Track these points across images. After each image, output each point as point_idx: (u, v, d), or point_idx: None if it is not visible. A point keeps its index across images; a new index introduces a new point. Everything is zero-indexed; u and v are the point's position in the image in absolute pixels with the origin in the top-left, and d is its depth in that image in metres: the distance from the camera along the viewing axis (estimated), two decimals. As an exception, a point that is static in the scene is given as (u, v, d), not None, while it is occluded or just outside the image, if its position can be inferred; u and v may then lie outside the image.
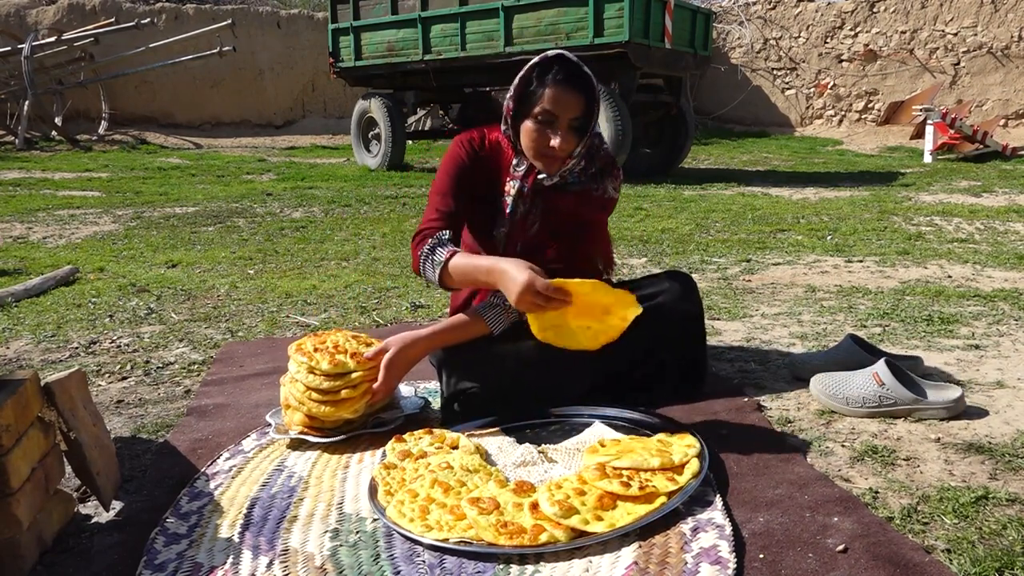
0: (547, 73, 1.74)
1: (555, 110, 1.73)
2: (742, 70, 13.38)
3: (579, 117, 1.76)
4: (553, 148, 1.75)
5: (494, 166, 1.91)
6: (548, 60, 1.77)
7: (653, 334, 1.91)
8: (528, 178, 1.86)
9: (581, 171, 1.87)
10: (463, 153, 1.90)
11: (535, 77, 1.76)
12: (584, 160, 1.86)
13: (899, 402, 1.78)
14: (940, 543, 1.27)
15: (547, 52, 1.80)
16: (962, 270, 3.41)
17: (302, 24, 13.93)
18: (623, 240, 4.29)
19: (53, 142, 11.59)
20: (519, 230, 1.89)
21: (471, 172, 1.89)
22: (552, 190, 1.86)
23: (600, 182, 1.89)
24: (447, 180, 1.88)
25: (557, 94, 1.73)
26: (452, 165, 1.89)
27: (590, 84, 1.76)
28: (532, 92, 1.76)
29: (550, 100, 1.73)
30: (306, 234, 4.75)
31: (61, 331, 2.74)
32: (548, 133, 1.76)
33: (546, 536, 1.30)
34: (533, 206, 1.88)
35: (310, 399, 1.74)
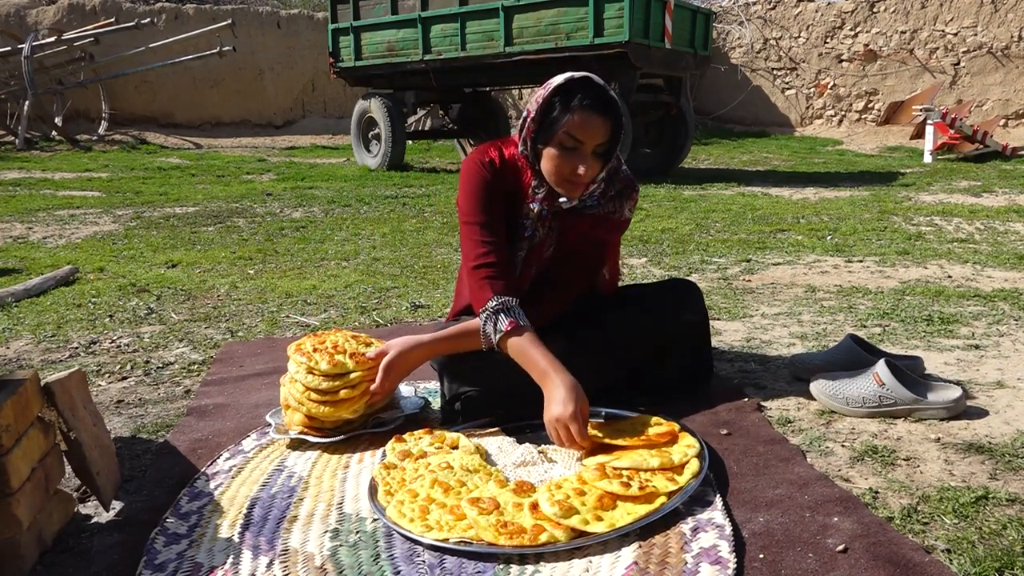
0: (571, 98, 1.67)
1: (582, 137, 1.67)
2: (742, 70, 13.38)
3: (604, 143, 1.71)
4: (579, 176, 1.70)
5: (513, 185, 1.84)
6: (573, 83, 1.70)
7: (657, 342, 1.91)
8: (547, 201, 1.81)
9: (601, 194, 1.83)
10: (487, 175, 1.81)
11: (558, 102, 1.69)
12: (604, 183, 1.82)
13: (899, 402, 1.78)
14: (940, 543, 1.27)
15: (573, 75, 1.73)
16: (962, 270, 3.41)
17: (302, 24, 13.93)
18: (623, 240, 4.29)
19: (53, 142, 11.59)
20: (536, 253, 1.87)
21: (496, 190, 1.81)
22: (569, 213, 1.83)
23: (618, 204, 1.86)
24: (478, 204, 1.79)
25: (583, 120, 1.66)
26: (479, 189, 1.80)
27: (616, 109, 1.71)
28: (555, 118, 1.69)
29: (576, 127, 1.67)
30: (306, 234, 4.75)
31: (61, 331, 2.74)
32: (573, 160, 1.70)
33: (546, 536, 1.30)
34: (551, 229, 1.86)
35: (309, 399, 1.74)
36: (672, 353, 1.94)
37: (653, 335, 1.90)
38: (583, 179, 1.71)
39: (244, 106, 13.69)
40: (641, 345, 1.91)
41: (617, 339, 1.88)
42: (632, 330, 1.88)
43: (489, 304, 1.71)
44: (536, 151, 1.76)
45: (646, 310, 1.91)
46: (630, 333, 1.88)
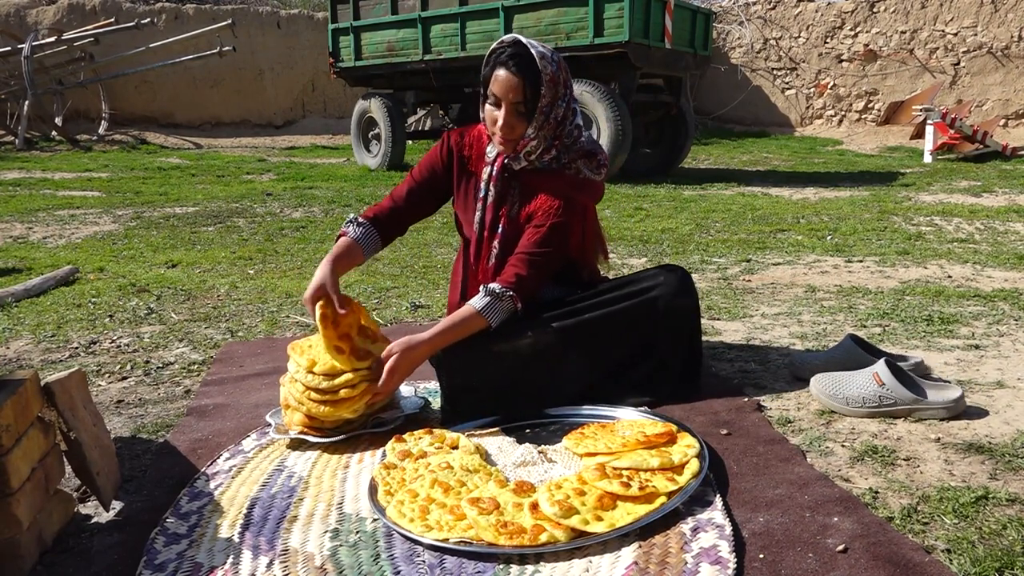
0: (491, 57, 1.84)
1: (497, 92, 1.82)
2: (742, 70, 13.38)
3: (521, 101, 1.81)
4: (498, 129, 1.84)
5: (476, 156, 2.00)
6: (503, 43, 1.84)
7: (650, 328, 1.91)
8: (496, 162, 1.93)
9: (552, 160, 1.91)
10: (442, 147, 2.03)
11: (488, 60, 1.85)
12: (555, 150, 1.90)
13: (899, 402, 1.78)
14: (940, 543, 1.27)
15: (507, 36, 1.87)
16: (962, 270, 3.41)
17: (302, 24, 13.93)
18: (623, 240, 4.29)
19: (53, 142, 11.59)
20: (494, 212, 1.94)
21: (442, 167, 2.03)
22: (525, 173, 1.93)
23: (576, 166, 1.93)
24: (418, 168, 2.06)
25: (498, 76, 1.81)
26: (427, 157, 2.06)
27: (533, 68, 1.80)
28: (485, 75, 1.85)
29: (494, 82, 1.82)
30: (306, 234, 4.75)
31: (61, 331, 2.73)
32: (495, 114, 1.84)
33: (546, 536, 1.30)
34: (508, 188, 1.94)
35: (309, 399, 1.74)
36: (663, 338, 1.93)
37: (644, 320, 1.90)
38: (502, 133, 1.84)
39: (244, 106, 13.69)
40: (634, 331, 1.91)
41: (611, 326, 1.88)
42: (625, 316, 1.89)
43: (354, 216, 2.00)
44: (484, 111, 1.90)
45: (637, 295, 1.91)
46: (623, 319, 1.89)
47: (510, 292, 1.81)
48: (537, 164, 1.92)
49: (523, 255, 1.87)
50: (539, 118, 1.84)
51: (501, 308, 1.81)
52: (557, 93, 1.85)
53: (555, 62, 1.84)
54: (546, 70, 1.81)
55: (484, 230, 1.96)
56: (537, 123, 1.84)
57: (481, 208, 1.96)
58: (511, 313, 1.82)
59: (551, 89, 1.83)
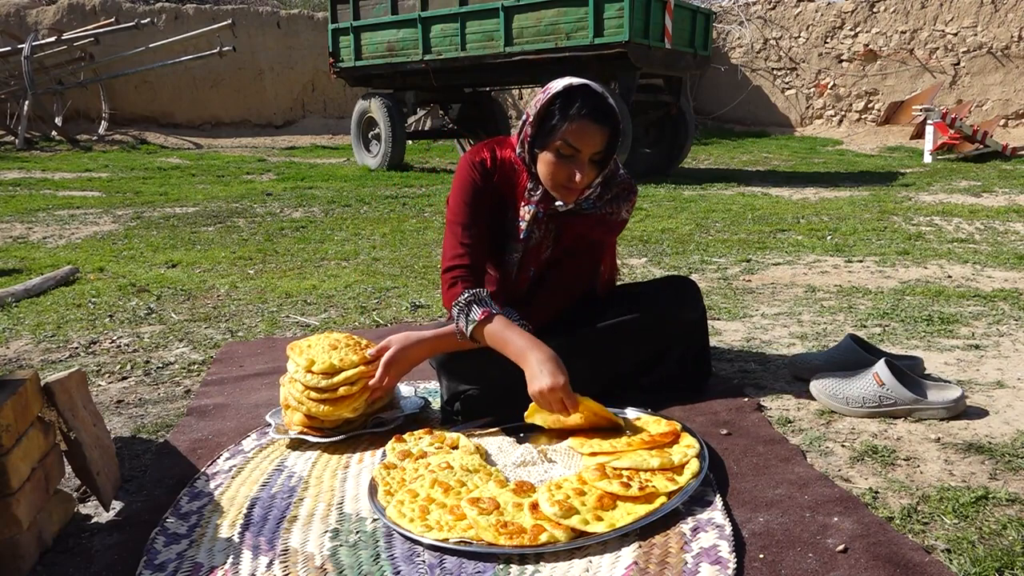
0: (570, 107, 1.68)
1: (579, 145, 1.69)
2: (742, 70, 13.38)
3: (601, 152, 1.72)
4: (575, 183, 1.72)
5: (507, 187, 1.86)
6: (572, 90, 1.71)
7: (657, 340, 1.91)
8: (543, 204, 1.82)
9: (597, 197, 1.84)
10: (477, 177, 1.84)
11: (557, 109, 1.70)
12: (600, 187, 1.83)
13: (899, 402, 1.78)
14: (940, 543, 1.27)
15: (572, 81, 1.74)
16: (962, 270, 3.41)
17: (302, 24, 13.93)
18: (623, 240, 4.29)
19: (53, 142, 11.59)
20: (532, 255, 1.88)
21: (484, 194, 1.84)
22: (565, 214, 1.84)
23: (615, 206, 1.86)
24: (463, 206, 1.82)
25: (581, 129, 1.68)
26: (467, 189, 1.83)
27: (614, 117, 1.72)
28: (554, 125, 1.70)
29: (573, 135, 1.68)
30: (306, 234, 4.75)
31: (61, 331, 2.74)
32: (570, 167, 1.71)
33: (546, 536, 1.30)
34: (547, 232, 1.87)
35: (308, 398, 1.74)
36: (671, 351, 1.94)
37: (652, 333, 1.90)
38: (579, 186, 1.73)
39: (244, 106, 13.69)
40: (640, 343, 1.91)
41: (616, 338, 1.88)
42: (631, 328, 1.89)
43: (461, 297, 1.74)
44: (533, 155, 1.77)
45: (645, 308, 1.91)
46: (629, 332, 1.88)
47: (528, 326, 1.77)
48: (583, 206, 1.83)
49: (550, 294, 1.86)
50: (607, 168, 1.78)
51: None
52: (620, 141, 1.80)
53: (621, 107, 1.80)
54: (621, 120, 1.74)
55: (522, 272, 1.89)
56: (604, 173, 1.78)
57: (522, 250, 1.87)
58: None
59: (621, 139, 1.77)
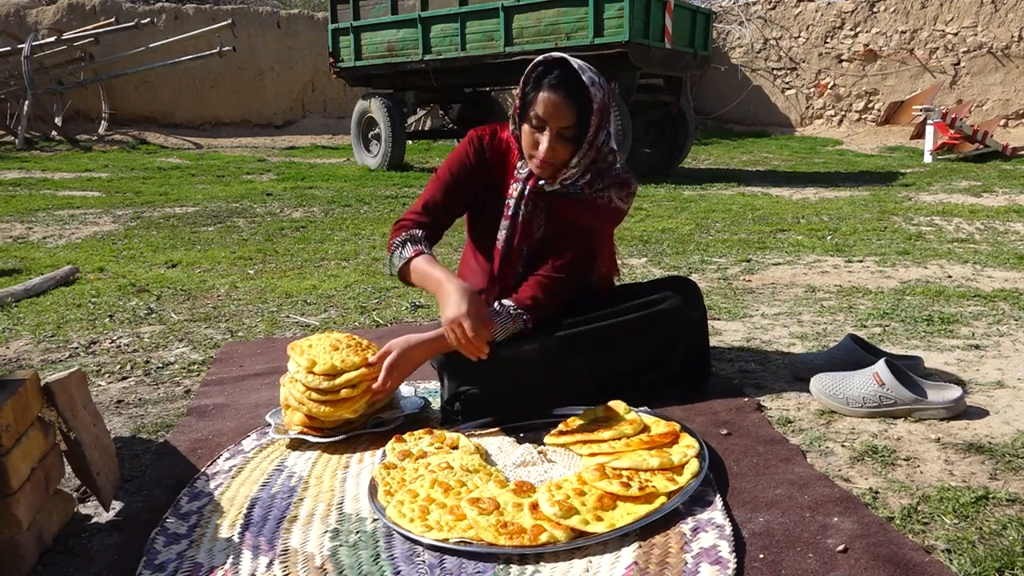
0: (544, 77, 1.72)
1: (545, 116, 1.72)
2: (742, 70, 13.38)
3: (570, 127, 1.73)
4: (540, 154, 1.74)
5: (500, 163, 1.90)
6: (550, 62, 1.74)
7: (656, 341, 1.91)
8: (529, 181, 1.85)
9: (585, 184, 1.84)
10: (471, 151, 1.90)
11: (533, 79, 1.74)
12: (589, 175, 1.83)
13: (899, 402, 1.78)
14: (940, 543, 1.27)
15: (552, 54, 1.77)
16: (962, 270, 3.41)
17: (302, 24, 13.93)
18: (623, 240, 4.29)
19: (53, 142, 11.59)
20: (521, 233, 1.88)
21: (473, 171, 1.89)
22: (556, 196, 1.85)
23: (606, 193, 1.86)
24: (446, 175, 1.91)
25: (547, 100, 1.71)
26: (456, 161, 1.91)
27: (584, 94, 1.72)
28: (528, 94, 1.74)
29: (541, 105, 1.72)
30: (306, 234, 4.75)
31: (61, 331, 2.73)
32: (538, 138, 1.75)
33: (546, 536, 1.30)
34: (537, 210, 1.87)
35: (310, 399, 1.74)
36: (671, 351, 1.94)
37: (652, 333, 1.90)
38: (544, 158, 1.75)
39: (244, 106, 13.69)
40: (640, 343, 1.91)
41: (616, 337, 1.88)
42: (631, 328, 1.88)
43: (397, 239, 1.84)
44: (520, 129, 1.81)
45: (645, 307, 1.91)
46: (629, 331, 1.88)
47: (525, 315, 1.80)
48: (571, 189, 1.85)
49: (543, 279, 1.85)
50: (585, 148, 1.77)
51: (511, 327, 1.80)
52: (603, 121, 1.78)
53: (603, 88, 1.76)
54: (596, 97, 1.73)
55: (511, 251, 1.91)
56: (581, 153, 1.78)
57: (509, 227, 1.89)
58: (520, 332, 1.82)
59: (599, 117, 1.76)
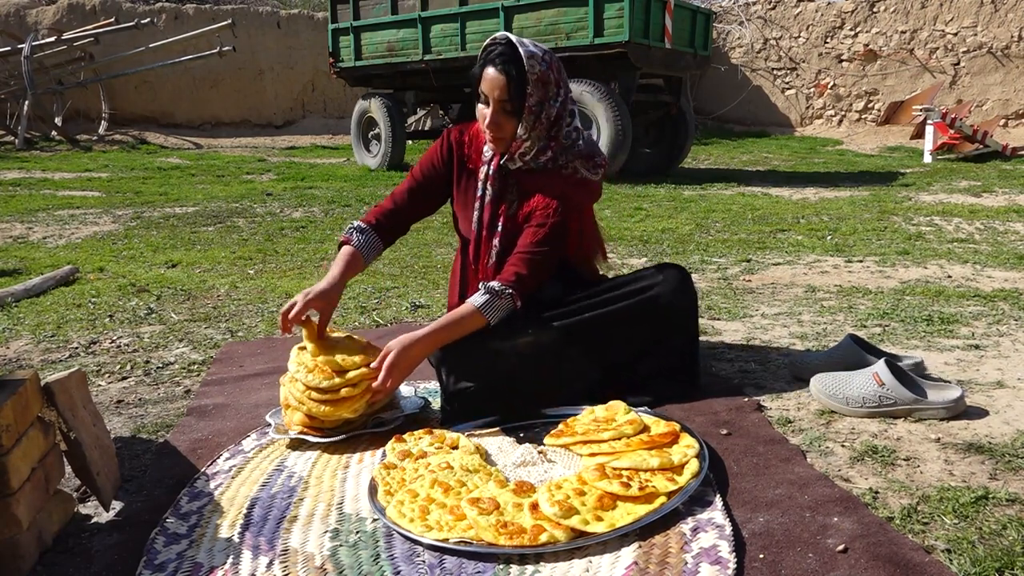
0: (486, 54, 1.84)
1: (485, 89, 1.83)
2: (742, 70, 13.38)
3: (507, 99, 1.81)
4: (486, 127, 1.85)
5: (475, 153, 2.00)
6: (494, 41, 1.84)
7: (650, 327, 1.91)
8: (493, 162, 1.94)
9: (549, 160, 1.91)
10: (442, 149, 2.03)
11: (481, 59, 1.85)
12: (551, 151, 1.89)
13: (899, 402, 1.78)
14: (940, 543, 1.27)
15: (499, 33, 1.87)
16: (962, 270, 3.41)
17: (302, 24, 13.93)
18: (623, 240, 4.29)
19: (53, 142, 11.59)
20: (491, 212, 1.95)
21: (443, 169, 2.02)
22: (520, 172, 1.92)
23: (572, 165, 1.92)
24: (418, 173, 2.05)
25: (486, 75, 1.82)
26: (426, 161, 2.05)
27: (517, 65, 1.81)
28: (475, 73, 1.86)
29: (483, 80, 1.83)
30: (306, 234, 4.75)
31: (61, 331, 2.73)
32: (484, 111, 1.85)
33: (546, 536, 1.30)
34: (506, 188, 1.94)
35: (310, 399, 1.74)
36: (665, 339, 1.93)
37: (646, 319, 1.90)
38: (490, 131, 1.85)
39: (244, 106, 13.69)
40: (635, 330, 1.91)
41: (610, 325, 1.88)
42: (625, 315, 1.89)
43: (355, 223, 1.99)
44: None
45: (637, 294, 1.91)
46: (623, 319, 1.89)
47: (509, 290, 1.81)
48: (533, 165, 1.91)
49: (522, 254, 1.86)
50: (528, 118, 1.83)
51: (500, 306, 1.81)
52: (547, 93, 1.84)
53: (546, 61, 1.83)
54: (533, 69, 1.81)
55: (483, 229, 1.95)
56: (527, 123, 1.84)
57: (479, 207, 1.96)
58: (510, 311, 1.82)
59: (539, 88, 1.83)
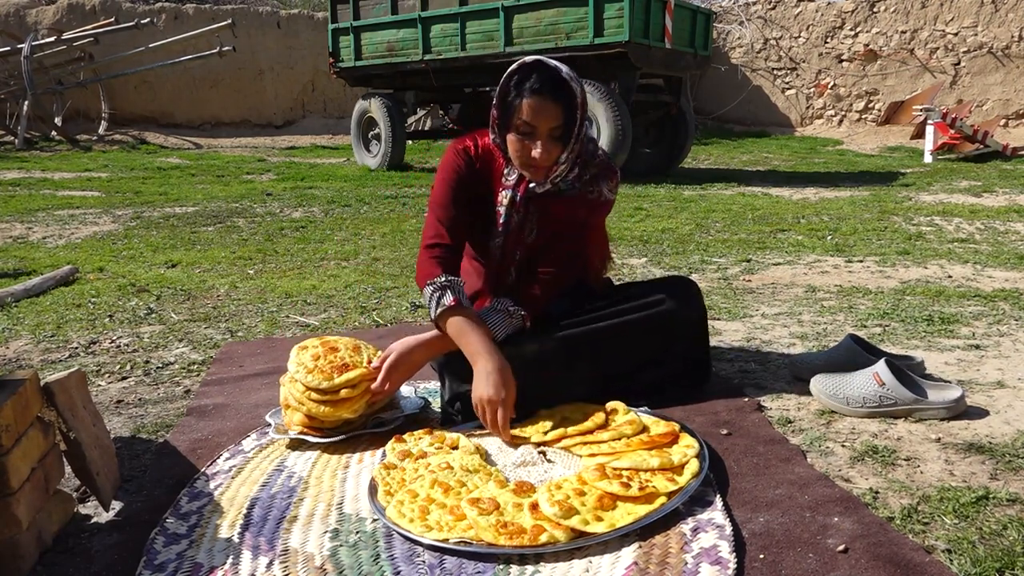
0: (524, 83, 1.71)
1: (533, 121, 1.71)
2: (742, 70, 13.38)
3: (559, 127, 1.73)
4: (535, 159, 1.74)
5: (488, 173, 1.90)
6: (526, 68, 1.73)
7: (658, 340, 1.91)
8: (519, 187, 1.85)
9: (575, 178, 1.85)
10: (460, 161, 1.88)
11: (513, 87, 1.73)
12: (577, 167, 1.84)
13: (899, 402, 1.78)
14: (940, 543, 1.27)
15: (525, 59, 1.77)
16: (962, 270, 3.41)
17: (302, 24, 13.93)
18: (623, 240, 4.29)
19: (53, 142, 11.59)
20: (514, 239, 1.89)
21: (467, 181, 1.88)
22: (545, 196, 1.86)
23: (596, 186, 1.87)
24: (446, 190, 1.86)
25: (534, 105, 1.70)
26: (450, 174, 1.88)
27: (569, 91, 1.72)
28: (511, 103, 1.73)
29: (528, 112, 1.71)
30: (306, 234, 4.75)
31: (61, 331, 2.73)
32: (529, 144, 1.74)
33: (546, 536, 1.30)
34: (528, 214, 1.88)
35: (309, 399, 1.74)
36: (672, 351, 1.94)
37: (653, 333, 1.90)
38: (540, 163, 1.75)
39: (244, 106, 13.69)
40: (641, 343, 1.91)
41: (617, 338, 1.87)
42: (631, 328, 1.88)
43: (437, 279, 1.76)
44: (503, 137, 1.80)
45: (645, 308, 1.91)
46: (629, 331, 1.88)
47: (522, 312, 1.80)
48: (561, 186, 1.85)
49: (541, 276, 1.86)
50: (574, 144, 1.77)
51: (510, 324, 1.81)
52: (584, 114, 1.78)
53: (578, 81, 1.76)
54: (576, 92, 1.74)
55: (505, 258, 1.91)
56: (570, 148, 1.77)
57: (503, 233, 1.88)
58: (518, 330, 1.82)
59: (583, 111, 1.76)
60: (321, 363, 1.79)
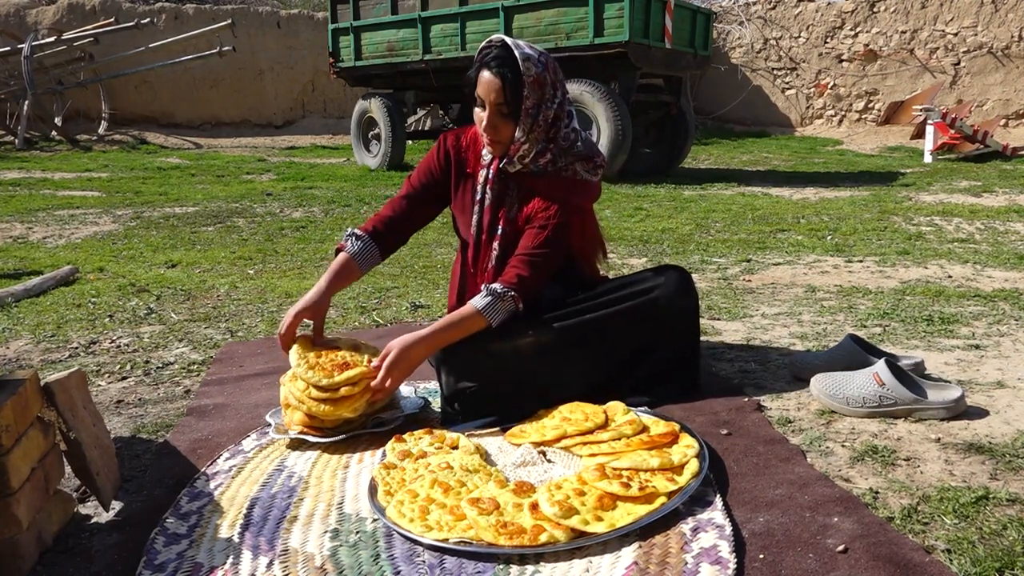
0: (483, 57, 1.83)
1: (480, 93, 1.82)
2: (742, 70, 13.38)
3: (503, 102, 1.80)
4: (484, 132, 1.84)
5: (472, 157, 2.00)
6: (489, 44, 1.84)
7: (651, 328, 1.91)
8: (492, 166, 1.93)
9: (549, 163, 1.89)
10: (438, 155, 2.03)
11: (476, 62, 1.85)
12: (550, 154, 1.88)
13: (899, 402, 1.78)
14: (940, 543, 1.27)
15: (495, 35, 1.86)
16: (962, 270, 3.41)
17: (302, 24, 13.93)
18: (623, 240, 4.29)
19: (53, 142, 11.59)
20: (490, 216, 1.94)
21: (439, 175, 2.02)
22: (520, 175, 1.91)
23: (571, 168, 1.91)
24: (416, 177, 2.05)
25: (482, 78, 1.82)
26: (423, 161, 2.06)
27: (512, 67, 1.79)
28: (471, 76, 1.85)
29: (478, 84, 1.83)
30: (306, 234, 4.75)
31: (61, 331, 2.73)
32: (480, 115, 1.84)
33: (546, 536, 1.30)
34: (505, 191, 1.93)
35: (310, 397, 1.74)
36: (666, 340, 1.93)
37: (647, 321, 1.90)
38: (487, 134, 1.85)
39: (244, 106, 13.69)
40: (636, 331, 1.90)
41: (612, 326, 1.88)
42: (626, 316, 1.89)
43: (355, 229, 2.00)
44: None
45: (639, 295, 1.91)
46: (624, 319, 1.89)
47: (512, 292, 1.80)
48: (532, 168, 1.90)
49: (523, 256, 1.86)
50: (526, 120, 1.82)
51: (502, 308, 1.81)
52: (544, 95, 1.83)
53: (541, 63, 1.82)
54: (529, 71, 1.80)
55: (482, 233, 1.95)
56: (524, 125, 1.82)
57: (478, 211, 1.95)
58: (512, 314, 1.82)
59: (536, 90, 1.81)
60: (322, 360, 1.79)
